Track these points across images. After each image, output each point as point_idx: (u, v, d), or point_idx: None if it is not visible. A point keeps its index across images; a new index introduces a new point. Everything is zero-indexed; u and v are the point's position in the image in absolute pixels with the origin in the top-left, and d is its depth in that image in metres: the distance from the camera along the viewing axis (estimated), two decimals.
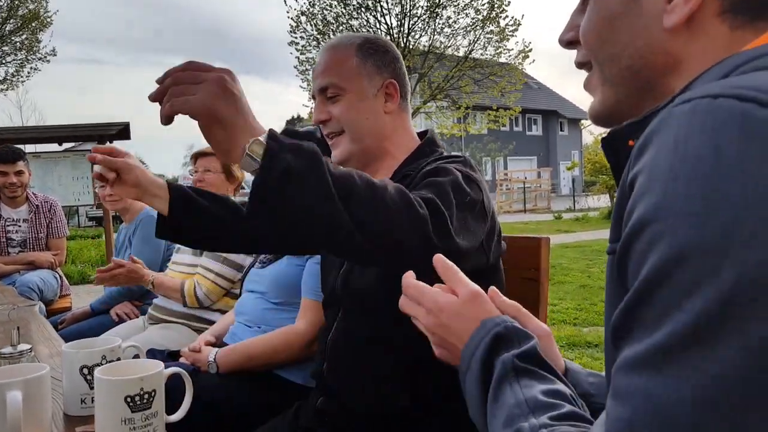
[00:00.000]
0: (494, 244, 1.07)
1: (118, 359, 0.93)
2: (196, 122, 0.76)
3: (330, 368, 1.15)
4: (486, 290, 0.71)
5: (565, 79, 71.47)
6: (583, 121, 34.67)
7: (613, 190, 14.45)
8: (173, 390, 0.87)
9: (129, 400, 0.74)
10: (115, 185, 1.12)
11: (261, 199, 0.76)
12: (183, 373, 0.83)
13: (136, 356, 1.03)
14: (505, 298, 0.74)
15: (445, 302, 0.68)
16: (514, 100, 16.42)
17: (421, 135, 1.27)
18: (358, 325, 1.13)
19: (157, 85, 0.77)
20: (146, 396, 0.75)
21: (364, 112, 1.14)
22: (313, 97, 1.20)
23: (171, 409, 0.84)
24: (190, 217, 1.16)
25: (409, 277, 0.73)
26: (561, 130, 35.58)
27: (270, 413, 1.47)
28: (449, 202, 0.91)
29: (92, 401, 0.88)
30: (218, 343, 1.75)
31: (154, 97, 0.76)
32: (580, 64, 0.63)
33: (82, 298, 5.62)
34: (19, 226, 3.39)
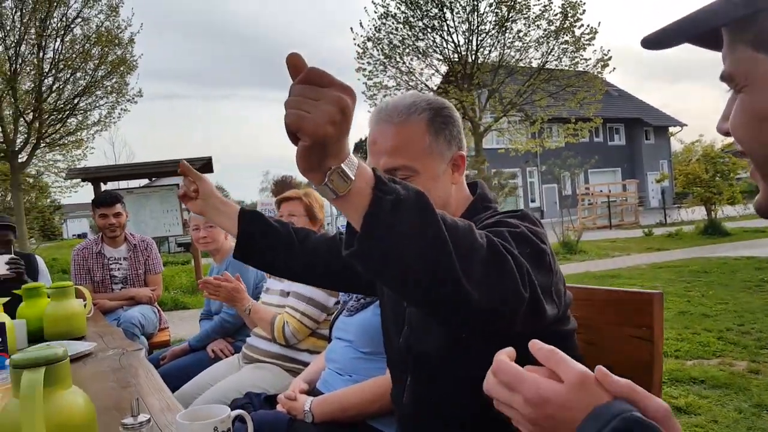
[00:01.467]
0: (563, 295, 1.01)
1: (228, 429, 0.97)
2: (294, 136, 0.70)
3: None
4: (560, 346, 0.65)
5: (647, 83, 68.06)
6: (671, 129, 32.84)
7: (709, 202, 13.51)
8: None
9: None
10: (189, 201, 1.35)
11: (368, 233, 0.71)
12: None
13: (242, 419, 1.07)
14: (615, 377, 0.64)
15: (549, 391, 0.60)
16: (594, 110, 15.84)
17: (470, 187, 1.25)
18: (428, 391, 1.12)
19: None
20: None
21: (437, 191, 1.12)
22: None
23: None
24: (257, 237, 1.29)
25: (503, 358, 0.65)
26: (647, 139, 33.83)
27: None
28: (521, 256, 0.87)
29: None
30: (311, 389, 1.79)
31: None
32: (739, 153, 0.61)
33: (177, 325, 5.98)
34: (120, 264, 3.66)
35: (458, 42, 15.18)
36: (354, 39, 15.47)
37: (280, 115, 0.70)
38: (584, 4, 14.88)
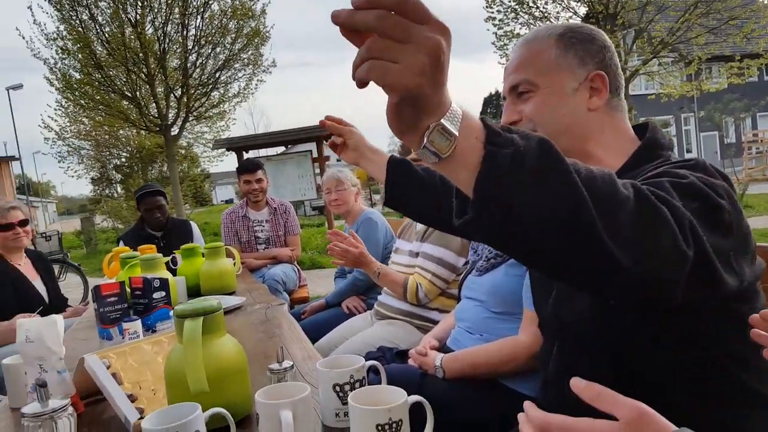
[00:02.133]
0: (747, 264, 0.83)
1: (363, 378, 1.03)
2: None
3: (555, 402, 1.11)
4: (740, 331, 0.57)
5: None
6: None
7: None
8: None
9: (380, 427, 0.82)
10: (342, 151, 1.39)
11: (483, 197, 0.61)
12: (424, 402, 0.89)
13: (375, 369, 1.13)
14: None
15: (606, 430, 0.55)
16: (764, 45, 13.78)
17: (639, 130, 1.09)
18: (575, 362, 1.06)
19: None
20: (394, 425, 0.83)
21: (561, 109, 1.02)
22: (503, 99, 1.13)
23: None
24: (406, 186, 1.28)
25: (547, 417, 0.60)
26: None
27: (497, 422, 1.50)
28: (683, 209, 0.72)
29: (345, 415, 0.99)
30: (441, 346, 1.83)
31: (342, 21, 0.56)
32: None
33: (315, 282, 6.41)
34: (263, 226, 3.98)
35: None
36: None
37: None
38: None
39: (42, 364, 1.20)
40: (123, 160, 18.20)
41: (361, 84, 0.57)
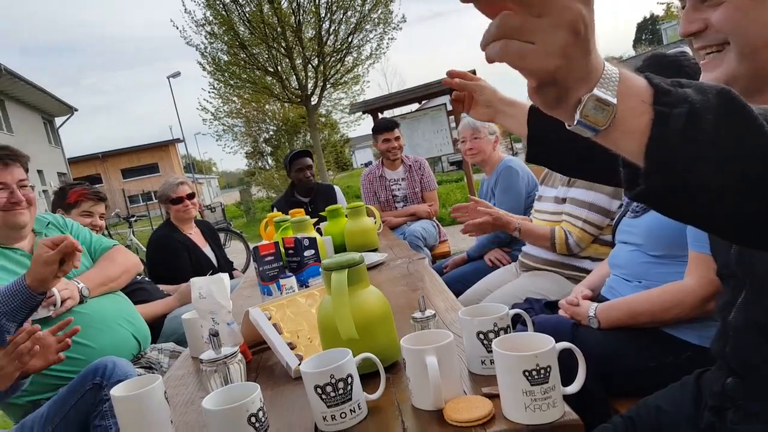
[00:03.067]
0: None
1: (508, 326, 1.01)
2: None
3: (734, 354, 1.00)
4: None
5: None
6: None
7: None
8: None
9: (527, 374, 0.80)
10: (471, 108, 1.28)
11: (656, 165, 0.54)
12: (575, 349, 0.85)
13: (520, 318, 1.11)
14: None
15: None
16: None
17: None
18: (763, 315, 0.93)
19: None
20: (542, 371, 0.80)
21: (762, 17, 0.83)
22: (681, 5, 0.98)
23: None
24: (548, 137, 1.13)
25: None
26: None
27: (661, 374, 1.39)
28: None
29: (491, 363, 0.99)
30: (595, 295, 1.74)
31: None
32: None
33: (455, 238, 6.43)
34: (399, 185, 4.06)
35: None
36: None
37: None
38: None
39: (214, 317, 1.35)
40: (271, 133, 19.63)
41: (492, 62, 0.53)
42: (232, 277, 3.43)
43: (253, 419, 0.86)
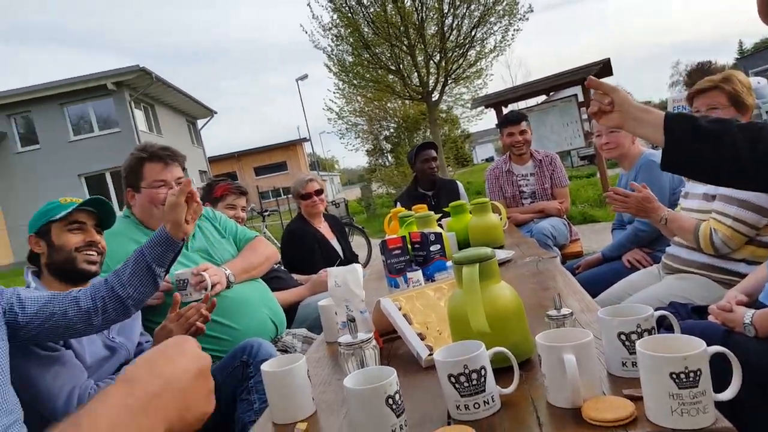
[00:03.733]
0: None
1: (653, 328, 0.97)
2: None
3: None
4: None
5: None
6: None
7: None
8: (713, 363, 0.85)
9: (674, 376, 0.77)
10: (601, 117, 1.30)
11: None
12: (729, 354, 0.80)
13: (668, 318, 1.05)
14: None
15: None
16: None
17: None
18: None
19: None
20: (692, 374, 0.77)
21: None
22: None
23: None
24: (688, 143, 1.12)
25: None
26: None
27: None
28: None
29: (633, 365, 0.95)
30: (751, 301, 1.59)
31: None
32: None
33: (588, 237, 6.14)
34: (528, 180, 3.96)
35: None
36: None
37: None
38: None
39: (348, 305, 1.43)
40: (391, 130, 20.06)
41: None
42: None
43: (390, 401, 0.90)
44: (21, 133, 18.99)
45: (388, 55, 14.10)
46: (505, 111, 7.48)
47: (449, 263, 1.91)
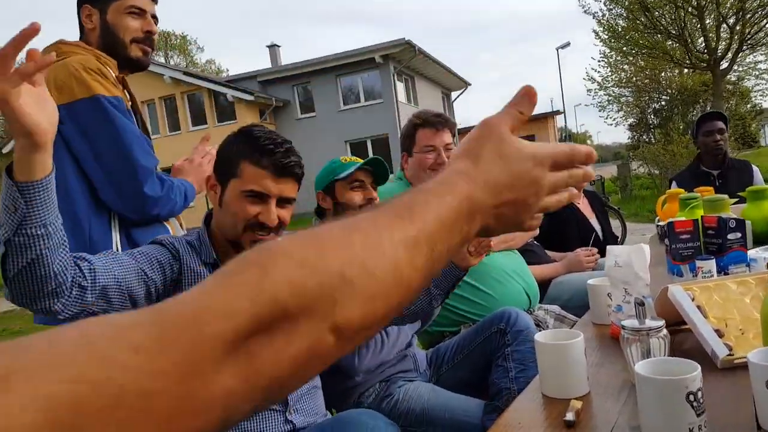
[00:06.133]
0: None
1: None
2: None
3: None
4: None
5: None
6: None
7: None
8: None
9: None
10: None
11: None
12: None
13: None
14: None
15: None
16: None
17: None
18: None
19: None
20: None
21: None
22: None
23: None
24: None
25: None
26: None
27: None
28: None
29: None
30: None
31: None
32: None
33: None
34: None
35: None
36: None
37: None
38: None
39: (627, 288, 1.33)
40: (662, 103, 17.96)
41: None
42: None
43: (691, 398, 0.82)
44: (301, 102, 21.93)
45: (671, 18, 12.57)
46: None
47: (752, 255, 1.64)
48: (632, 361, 1.07)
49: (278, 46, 24.52)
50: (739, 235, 1.63)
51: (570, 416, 0.98)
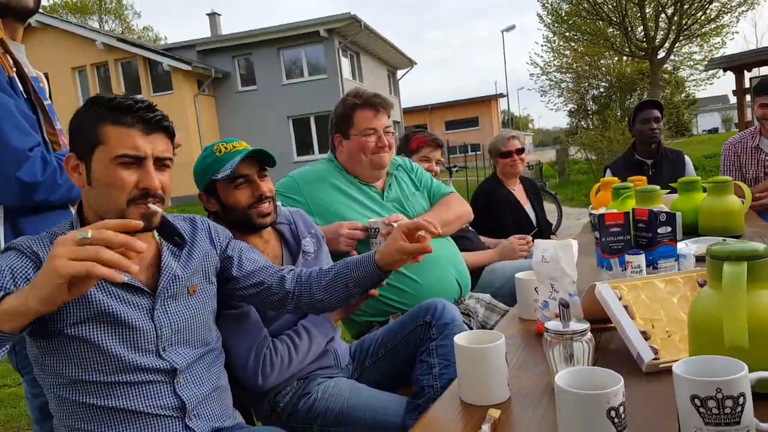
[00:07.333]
0: None
1: None
2: None
3: None
4: None
5: None
6: None
7: None
8: None
9: None
10: None
11: None
12: None
13: None
14: None
15: None
16: None
17: None
18: None
19: None
20: None
21: None
22: None
23: None
24: None
25: None
26: None
27: None
28: None
29: None
30: None
31: None
32: None
33: None
34: None
35: None
36: None
37: None
38: None
39: (554, 284, 1.28)
40: (601, 90, 18.47)
41: None
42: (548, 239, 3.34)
43: (612, 413, 0.76)
44: (242, 74, 21.23)
45: (613, 5, 12.85)
46: (749, 75, 6.37)
47: (681, 250, 1.63)
48: (554, 364, 1.01)
49: (219, 15, 23.58)
50: (669, 229, 1.61)
51: (486, 428, 0.90)
